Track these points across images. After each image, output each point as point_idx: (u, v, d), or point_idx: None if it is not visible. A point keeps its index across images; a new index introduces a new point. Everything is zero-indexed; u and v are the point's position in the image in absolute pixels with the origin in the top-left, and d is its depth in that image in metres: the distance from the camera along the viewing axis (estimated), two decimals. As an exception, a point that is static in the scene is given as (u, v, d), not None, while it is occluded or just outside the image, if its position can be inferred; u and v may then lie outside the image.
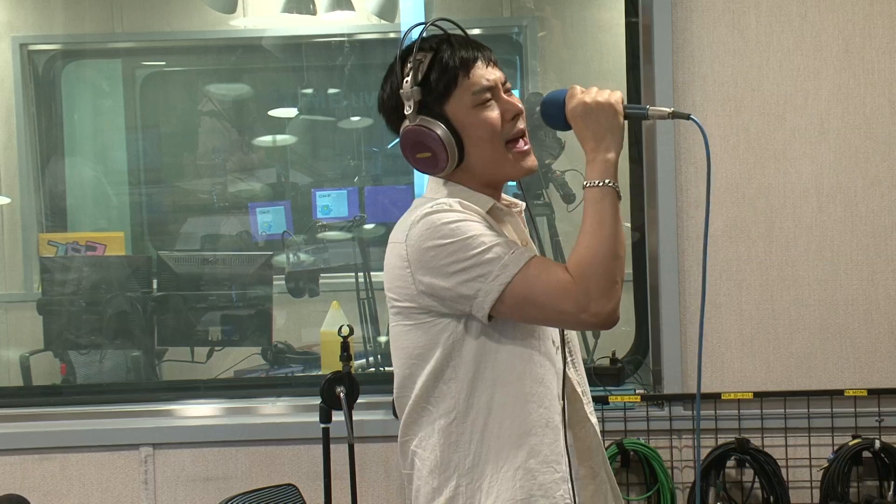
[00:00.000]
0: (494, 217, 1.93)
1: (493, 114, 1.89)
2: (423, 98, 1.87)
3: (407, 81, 1.86)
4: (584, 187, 1.84)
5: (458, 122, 1.88)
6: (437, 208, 1.85)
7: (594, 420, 2.04)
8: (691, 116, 1.88)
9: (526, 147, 1.93)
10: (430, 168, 1.91)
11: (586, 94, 1.86)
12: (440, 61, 1.88)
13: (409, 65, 1.88)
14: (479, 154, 1.90)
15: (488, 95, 1.89)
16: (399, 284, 1.89)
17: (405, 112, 1.88)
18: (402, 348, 1.94)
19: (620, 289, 1.81)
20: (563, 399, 1.96)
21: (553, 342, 1.96)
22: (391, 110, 1.94)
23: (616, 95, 1.87)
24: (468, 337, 1.87)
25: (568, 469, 1.94)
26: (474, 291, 1.82)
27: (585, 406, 2.02)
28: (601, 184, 1.82)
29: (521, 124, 1.93)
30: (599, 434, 2.05)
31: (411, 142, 1.89)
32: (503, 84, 1.93)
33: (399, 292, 1.90)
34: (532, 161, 1.95)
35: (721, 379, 3.47)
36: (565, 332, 2.00)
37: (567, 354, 2.00)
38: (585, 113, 1.85)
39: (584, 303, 1.78)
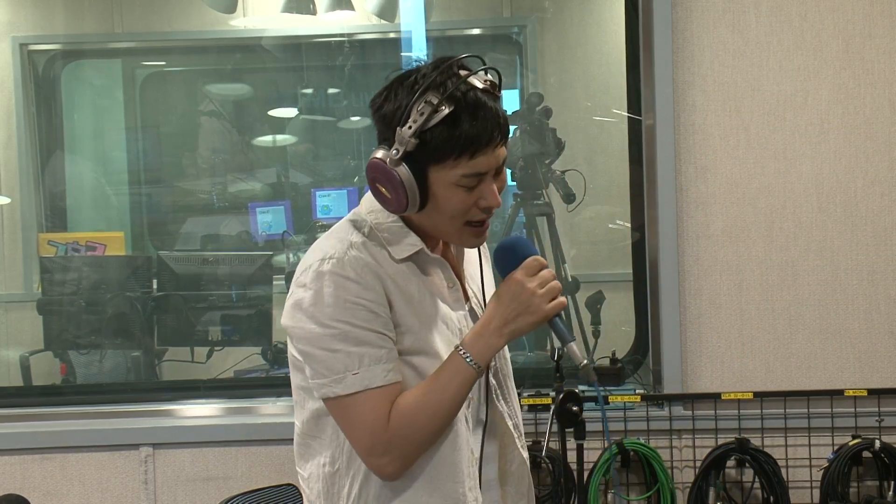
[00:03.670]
0: (416, 262, 1.79)
1: (470, 199, 1.71)
2: (415, 149, 1.67)
3: (409, 127, 1.65)
4: (456, 349, 1.72)
5: (432, 186, 1.70)
6: (332, 269, 1.70)
7: (525, 454, 1.92)
8: (595, 384, 1.74)
9: (483, 227, 1.77)
10: (381, 202, 1.75)
11: (536, 280, 1.71)
12: (452, 128, 1.66)
13: (422, 104, 1.65)
14: (434, 218, 1.75)
15: (476, 182, 1.70)
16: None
17: (391, 148, 1.68)
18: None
19: (416, 457, 1.74)
20: (483, 440, 1.83)
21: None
22: (384, 125, 1.72)
23: (558, 306, 1.71)
24: None
25: None
26: (304, 379, 1.80)
27: (517, 440, 1.90)
28: (471, 361, 1.70)
29: (489, 214, 1.76)
30: (528, 470, 1.93)
31: (378, 175, 1.71)
32: (500, 164, 1.73)
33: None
34: (481, 240, 1.81)
35: (721, 379, 3.47)
36: (494, 359, 1.84)
37: (497, 385, 1.87)
38: (518, 295, 1.70)
39: (381, 452, 1.71)
